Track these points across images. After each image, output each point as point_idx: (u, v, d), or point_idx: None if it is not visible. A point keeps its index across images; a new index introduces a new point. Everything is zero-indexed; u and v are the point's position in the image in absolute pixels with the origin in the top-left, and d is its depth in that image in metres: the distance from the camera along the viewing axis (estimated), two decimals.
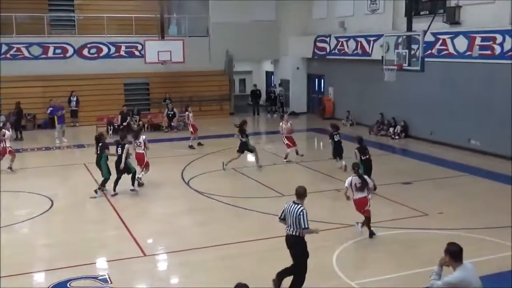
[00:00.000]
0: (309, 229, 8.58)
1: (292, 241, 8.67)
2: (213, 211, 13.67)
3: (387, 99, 24.17)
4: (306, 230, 8.54)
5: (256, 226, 12.37)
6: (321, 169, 17.78)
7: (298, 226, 8.52)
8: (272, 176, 17.05)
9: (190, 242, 11.38)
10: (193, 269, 10.08)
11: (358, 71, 26.37)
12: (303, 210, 8.48)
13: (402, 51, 16.44)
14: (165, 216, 13.50)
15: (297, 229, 8.57)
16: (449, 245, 6.19)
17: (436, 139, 21.66)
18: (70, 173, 18.08)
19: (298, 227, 8.53)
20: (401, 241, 11.45)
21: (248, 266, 10.12)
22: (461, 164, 18.25)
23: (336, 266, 9.95)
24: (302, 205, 8.63)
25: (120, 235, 11.84)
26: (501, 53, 18.19)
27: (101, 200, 14.47)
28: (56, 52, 27.66)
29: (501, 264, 9.98)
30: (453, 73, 20.60)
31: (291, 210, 8.59)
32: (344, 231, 11.87)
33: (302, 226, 8.45)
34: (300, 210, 8.47)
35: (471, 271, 6.10)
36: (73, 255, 10.70)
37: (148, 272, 10.09)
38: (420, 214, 13.00)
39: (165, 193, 15.44)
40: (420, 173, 17.26)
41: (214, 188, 15.44)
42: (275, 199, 14.57)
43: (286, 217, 8.69)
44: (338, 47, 27.14)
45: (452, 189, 15.35)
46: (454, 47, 19.97)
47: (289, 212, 8.63)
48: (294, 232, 8.61)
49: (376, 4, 25.47)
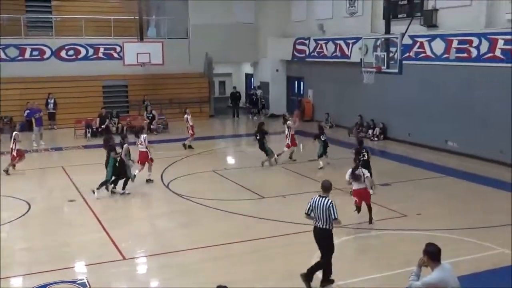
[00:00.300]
0: (338, 219, 8.91)
1: (321, 234, 8.98)
2: (193, 214, 13.62)
3: (366, 101, 24.34)
4: (336, 221, 8.88)
5: (237, 229, 12.35)
6: (301, 171, 17.83)
7: (327, 219, 8.84)
8: (252, 178, 17.05)
9: (170, 244, 11.33)
10: (173, 272, 10.03)
11: (337, 73, 26.54)
12: (332, 202, 8.86)
13: (380, 54, 16.59)
14: (145, 219, 13.42)
15: (326, 222, 8.89)
16: (427, 246, 6.26)
17: (414, 140, 21.88)
18: (47, 176, 17.88)
19: (328, 220, 8.85)
20: (381, 242, 11.54)
21: (229, 268, 10.10)
22: (439, 166, 18.46)
23: None
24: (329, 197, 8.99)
25: (99, 239, 11.73)
26: (477, 56, 18.45)
27: (79, 204, 14.33)
28: (33, 54, 27.32)
29: (479, 264, 10.12)
30: (430, 75, 20.84)
31: (319, 203, 8.89)
32: None
33: (332, 217, 8.80)
34: (329, 203, 8.84)
35: (449, 272, 6.17)
36: (51, 259, 10.57)
37: (127, 276, 10.02)
38: (399, 215, 13.11)
39: (144, 196, 15.35)
40: (399, 174, 17.41)
41: (194, 191, 15.39)
42: (255, 201, 14.60)
43: (314, 212, 8.97)
44: (317, 49, 27.28)
45: (430, 190, 15.52)
46: (432, 50, 20.22)
47: (317, 206, 8.91)
48: (324, 225, 8.93)
49: (354, 7, 25.66)
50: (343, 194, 14.24)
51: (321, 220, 8.92)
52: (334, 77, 26.97)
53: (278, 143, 20.11)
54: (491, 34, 17.98)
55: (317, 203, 8.96)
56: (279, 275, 9.76)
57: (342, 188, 15.33)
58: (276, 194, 15.11)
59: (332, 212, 8.79)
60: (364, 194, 12.56)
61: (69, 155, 20.97)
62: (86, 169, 18.26)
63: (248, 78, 35.80)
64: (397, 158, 19.89)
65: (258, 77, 33.36)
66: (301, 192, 15.26)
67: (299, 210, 13.48)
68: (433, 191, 15.48)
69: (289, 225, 12.34)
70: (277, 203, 14.38)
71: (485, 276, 9.64)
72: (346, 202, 14.63)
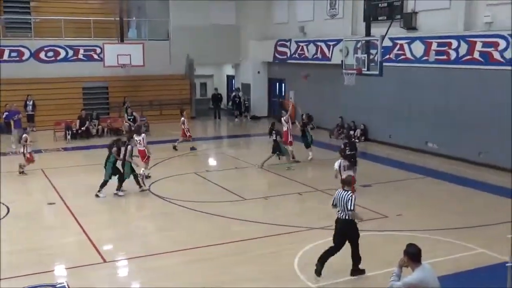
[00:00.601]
0: (354, 212, 9.59)
1: (343, 224, 9.66)
2: (174, 216, 13.56)
3: (347, 103, 24.47)
4: (352, 212, 9.54)
5: (219, 231, 12.32)
6: (282, 172, 17.86)
7: (347, 210, 9.54)
8: (234, 180, 17.03)
9: (151, 247, 11.26)
10: (154, 274, 9.96)
11: (318, 75, 26.61)
12: (352, 196, 9.60)
13: (361, 56, 16.68)
14: (126, 221, 13.32)
15: (347, 213, 9.58)
16: (408, 247, 6.30)
17: (395, 142, 22.06)
18: (27, 179, 17.64)
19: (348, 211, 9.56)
20: (361, 243, 11.53)
21: (211, 270, 10.07)
22: (419, 167, 18.62)
23: (298, 269, 9.99)
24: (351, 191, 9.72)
25: (79, 242, 11.62)
26: (456, 58, 18.67)
27: (59, 206, 14.18)
28: (11, 55, 26.99)
29: (459, 264, 10.22)
30: (410, 77, 21.03)
31: (342, 196, 9.64)
32: (305, 234, 11.93)
33: (348, 208, 9.47)
34: (349, 195, 9.58)
35: (429, 272, 6.22)
36: (31, 262, 10.43)
37: (108, 279, 9.93)
38: (379, 216, 13.19)
39: (125, 199, 15.23)
40: (380, 175, 17.52)
41: (175, 193, 15.32)
42: (236, 203, 14.57)
43: (337, 203, 9.73)
44: (299, 51, 27.37)
45: (410, 191, 15.64)
46: (411, 52, 20.42)
47: (340, 198, 9.66)
48: (345, 216, 9.60)
49: (335, 9, 25.80)
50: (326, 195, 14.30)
51: (343, 211, 9.64)
52: (315, 79, 26.99)
53: (260, 145, 20.11)
54: (470, 37, 18.21)
55: (340, 195, 9.71)
56: (262, 276, 9.75)
57: (324, 190, 15.45)
58: (257, 196, 15.11)
59: (349, 204, 9.49)
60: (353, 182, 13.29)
61: (49, 157, 20.74)
62: (66, 172, 18.11)
63: (230, 80, 35.77)
64: (378, 160, 20.03)
65: (239, 79, 33.38)
66: (282, 193, 15.31)
67: (280, 212, 13.63)
68: (414, 192, 15.61)
69: (271, 226, 12.36)
70: (259, 205, 14.38)
71: (465, 276, 9.74)
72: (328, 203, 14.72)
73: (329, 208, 12.61)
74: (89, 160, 20.06)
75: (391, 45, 20.75)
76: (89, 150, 22.24)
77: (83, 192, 15.54)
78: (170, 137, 22.91)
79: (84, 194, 15.33)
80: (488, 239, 11.40)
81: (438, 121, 19.99)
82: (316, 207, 14.26)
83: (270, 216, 13.14)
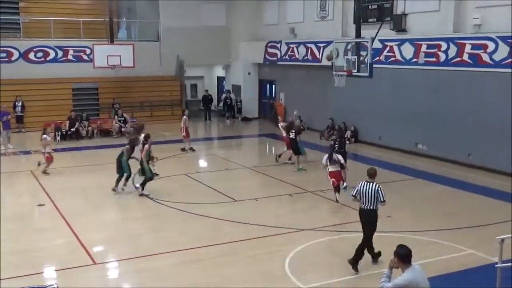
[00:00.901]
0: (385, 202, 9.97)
1: (368, 214, 10.00)
2: (165, 217, 13.54)
3: (337, 105, 24.53)
4: (384, 203, 9.95)
5: (210, 232, 12.32)
6: (273, 174, 17.88)
7: (374, 201, 9.89)
8: (224, 182, 17.01)
9: (142, 249, 11.22)
10: (145, 276, 9.94)
11: (309, 76, 26.70)
12: (380, 187, 9.93)
13: (351, 57, 16.71)
14: (116, 223, 13.27)
15: (373, 204, 9.91)
16: (398, 248, 6.33)
17: (385, 143, 22.15)
18: (16, 180, 17.55)
19: (375, 202, 9.90)
20: (352, 244, 11.56)
21: (202, 272, 10.06)
22: (409, 168, 18.70)
23: (289, 270, 10.00)
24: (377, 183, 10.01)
25: (69, 243, 11.56)
26: (445, 60, 18.79)
27: (49, 208, 14.11)
28: (0, 56, 26.83)
29: (449, 265, 10.29)
30: (400, 79, 21.14)
31: (367, 188, 9.91)
32: (296, 236, 11.95)
33: (381, 200, 9.88)
34: (377, 187, 9.91)
35: (419, 273, 6.25)
36: (20, 264, 10.38)
37: (98, 281, 9.89)
38: None
39: (115, 200, 15.18)
40: None
41: (165, 194, 15.29)
42: (227, 204, 14.57)
43: (361, 195, 9.97)
44: (289, 52, 27.41)
45: (400, 192, 15.68)
46: (401, 54, 20.52)
47: (364, 190, 9.92)
48: (370, 207, 9.94)
49: (325, 11, 25.87)
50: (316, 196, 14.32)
51: (369, 202, 9.92)
52: (306, 80, 27.13)
53: (251, 147, 20.11)
54: (459, 39, 18.33)
55: (364, 187, 9.95)
56: (253, 278, 9.75)
57: (314, 191, 15.50)
58: (248, 197, 15.12)
59: (380, 195, 9.87)
60: (338, 174, 14.66)
61: (38, 158, 20.57)
62: (56, 173, 18.00)
63: (220, 81, 35.77)
64: (368, 161, 19.99)
65: (230, 80, 33.38)
66: (273, 195, 15.32)
67: (271, 213, 13.64)
68: (404, 193, 15.67)
69: (262, 228, 12.37)
70: (250, 206, 14.38)
71: (455, 277, 9.81)
72: (318, 204, 14.77)
73: (319, 209, 12.76)
74: (79, 162, 19.99)
75: (381, 47, 20.84)
76: (79, 151, 22.15)
77: (73, 194, 15.49)
78: (161, 138, 22.86)
79: (74, 196, 15.28)
80: (478, 240, 11.49)
81: (428, 122, 20.09)
82: (307, 209, 14.31)
83: (261, 218, 13.15)
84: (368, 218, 10.07)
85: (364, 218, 10.13)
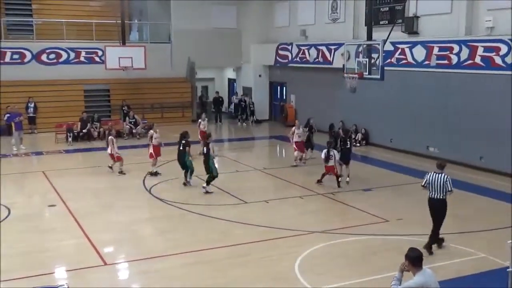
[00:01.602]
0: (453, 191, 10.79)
1: (437, 203, 10.82)
2: (174, 219, 13.56)
3: (348, 107, 24.46)
4: (451, 192, 10.74)
5: (219, 234, 12.32)
6: (283, 176, 17.86)
7: (443, 191, 10.69)
8: (235, 183, 17.02)
9: (152, 250, 11.26)
10: (154, 277, 9.96)
11: (320, 79, 26.65)
12: (449, 177, 10.74)
13: (362, 60, 16.67)
14: (126, 224, 13.30)
15: (442, 194, 10.71)
16: (409, 251, 6.30)
17: (396, 146, 22.04)
18: (28, 181, 17.67)
19: (444, 192, 10.69)
20: (362, 247, 11.59)
21: (212, 273, 10.06)
22: (420, 171, 18.49)
23: (299, 273, 9.97)
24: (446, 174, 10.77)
25: (80, 244, 11.62)
26: (457, 63, 18.68)
27: (60, 209, 14.19)
28: (13, 58, 27.02)
29: (460, 269, 10.21)
30: (411, 81, 21.04)
31: (436, 178, 10.72)
32: (306, 238, 11.93)
33: (449, 189, 10.68)
34: (447, 177, 10.71)
35: (430, 276, 6.21)
36: (32, 265, 10.44)
37: (108, 281, 9.91)
38: (380, 220, 13.18)
39: (126, 201, 15.23)
40: (381, 179, 17.52)
41: (176, 196, 15.33)
42: (237, 206, 14.57)
43: (430, 185, 10.77)
44: (300, 55, 27.39)
45: (411, 195, 15.60)
46: (413, 56, 20.42)
47: (434, 180, 10.74)
48: (439, 196, 10.74)
49: (337, 13, 25.83)
50: (327, 199, 14.28)
51: (438, 192, 10.71)
52: (317, 83, 27.08)
53: (261, 148, 20.09)
54: (471, 42, 18.22)
55: (434, 178, 10.74)
56: (262, 279, 9.73)
57: (324, 194, 15.49)
58: (258, 199, 15.10)
59: (449, 185, 10.65)
60: (332, 169, 16.15)
61: (50, 159, 20.77)
62: (67, 174, 18.13)
63: (231, 83, 35.80)
64: (379, 164, 20.02)
65: (240, 82, 33.41)
66: (284, 197, 15.31)
67: (281, 215, 13.62)
68: (414, 196, 15.52)
69: (272, 230, 12.36)
70: (260, 208, 14.37)
71: (466, 281, 9.72)
72: (329, 207, 14.74)
73: (330, 212, 12.72)
74: (90, 163, 20.08)
75: (392, 49, 20.76)
76: (90, 152, 22.25)
77: (84, 195, 15.56)
78: (171, 139, 22.84)
79: (85, 196, 15.35)
80: (490, 244, 11.40)
81: (440, 125, 19.98)
82: (317, 211, 14.28)
83: (271, 220, 13.13)
84: (439, 207, 10.81)
85: (434, 207, 10.86)
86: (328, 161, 16.04)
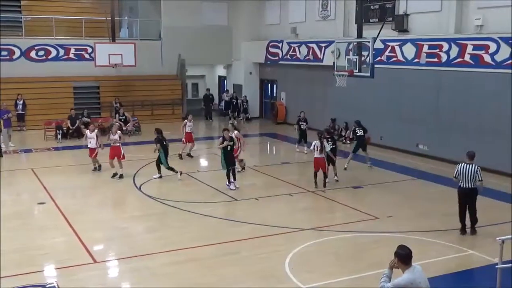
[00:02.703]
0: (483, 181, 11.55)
1: (468, 192, 11.53)
2: (165, 216, 13.53)
3: (338, 105, 24.51)
4: (482, 182, 11.48)
5: (209, 231, 12.30)
6: (273, 173, 17.87)
7: (473, 181, 11.38)
8: (225, 181, 16.95)
9: (142, 248, 11.21)
10: (145, 275, 9.92)
11: (310, 76, 26.69)
12: (478, 167, 11.41)
13: (352, 57, 16.70)
14: (116, 222, 13.26)
15: (472, 183, 11.40)
16: (398, 248, 6.31)
17: (386, 144, 22.12)
18: (17, 178, 17.55)
19: (473, 181, 11.39)
20: (352, 244, 11.63)
21: (202, 271, 10.04)
22: (410, 169, 18.69)
23: (289, 270, 9.98)
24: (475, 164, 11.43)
25: (69, 242, 11.55)
26: (447, 61, 18.78)
27: (49, 206, 14.11)
28: (2, 54, 26.81)
29: (448, 265, 10.28)
30: (401, 79, 21.12)
31: (467, 169, 11.42)
32: (297, 235, 11.94)
33: (479, 179, 11.39)
34: (477, 168, 11.40)
35: (419, 273, 6.23)
36: (20, 263, 10.37)
37: (98, 279, 9.87)
38: (370, 217, 13.23)
39: (116, 199, 15.18)
40: (371, 177, 17.58)
41: (166, 193, 15.31)
42: (227, 203, 14.57)
43: (461, 176, 11.47)
44: (290, 52, 27.42)
45: (401, 193, 15.70)
46: (403, 54, 20.51)
47: (464, 171, 11.44)
48: (469, 185, 11.45)
49: (327, 11, 25.86)
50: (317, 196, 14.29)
51: (469, 182, 11.41)
52: (307, 80, 27.12)
53: (252, 146, 20.07)
54: (461, 40, 18.32)
55: (464, 168, 11.44)
56: (252, 277, 9.73)
57: (314, 191, 15.50)
58: (249, 196, 15.11)
59: (479, 175, 11.36)
60: (321, 162, 15.81)
61: (39, 157, 20.64)
62: (56, 172, 18.02)
63: (221, 81, 35.76)
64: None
65: (231, 80, 33.37)
66: (274, 194, 15.31)
67: (271, 213, 13.63)
68: (404, 193, 15.67)
69: (263, 227, 12.36)
70: (250, 206, 14.37)
71: (455, 278, 9.80)
72: (319, 204, 14.77)
73: (320, 209, 12.72)
74: (79, 160, 19.96)
75: (382, 47, 20.84)
76: (80, 149, 22.10)
77: (74, 192, 15.49)
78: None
79: (75, 194, 15.29)
80: (478, 241, 11.50)
81: (429, 123, 20.08)
82: (307, 208, 14.30)
83: (261, 217, 13.14)
84: (471, 195, 11.51)
85: (467, 196, 11.52)
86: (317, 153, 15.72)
